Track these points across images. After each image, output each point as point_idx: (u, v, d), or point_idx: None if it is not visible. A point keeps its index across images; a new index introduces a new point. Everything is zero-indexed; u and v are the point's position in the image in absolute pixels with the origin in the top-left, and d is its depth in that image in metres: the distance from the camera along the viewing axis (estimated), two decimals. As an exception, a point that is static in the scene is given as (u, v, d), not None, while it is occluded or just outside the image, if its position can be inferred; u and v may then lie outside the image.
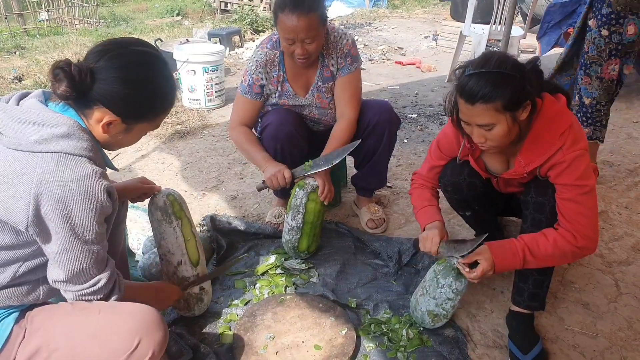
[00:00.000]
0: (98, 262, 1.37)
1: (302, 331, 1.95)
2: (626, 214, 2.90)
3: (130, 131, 1.45)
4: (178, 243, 1.87)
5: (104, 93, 1.33)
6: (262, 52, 2.38)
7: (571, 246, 1.70)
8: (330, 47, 2.37)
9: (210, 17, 10.04)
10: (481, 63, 1.63)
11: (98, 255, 1.36)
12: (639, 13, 2.80)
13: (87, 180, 1.28)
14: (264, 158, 2.34)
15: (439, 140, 2.07)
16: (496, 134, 1.65)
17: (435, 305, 1.90)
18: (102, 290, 1.40)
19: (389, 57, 6.68)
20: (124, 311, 1.41)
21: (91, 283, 1.37)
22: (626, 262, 2.47)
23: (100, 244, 1.36)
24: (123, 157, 3.60)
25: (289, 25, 2.12)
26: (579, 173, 1.68)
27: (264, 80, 2.40)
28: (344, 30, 2.41)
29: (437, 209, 2.08)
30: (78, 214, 1.27)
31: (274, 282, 2.25)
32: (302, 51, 2.19)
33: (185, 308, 1.99)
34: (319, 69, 2.41)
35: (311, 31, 2.13)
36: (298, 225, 2.31)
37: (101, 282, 1.39)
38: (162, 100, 1.47)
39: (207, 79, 4.48)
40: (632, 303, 2.20)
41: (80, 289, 1.37)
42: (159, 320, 1.43)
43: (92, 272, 1.36)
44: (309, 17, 2.09)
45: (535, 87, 1.66)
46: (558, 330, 2.05)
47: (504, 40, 4.44)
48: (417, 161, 3.55)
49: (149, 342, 1.37)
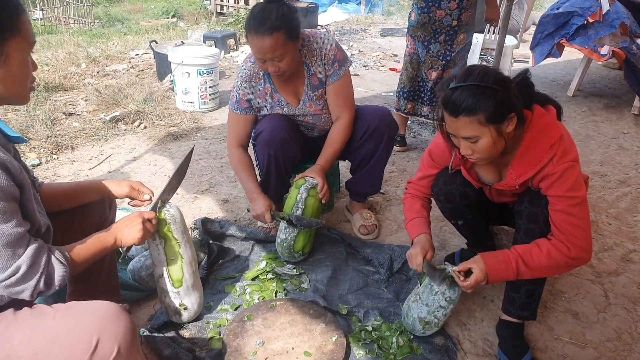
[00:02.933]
0: (9, 245, 1.23)
1: (292, 337, 1.94)
2: (616, 225, 2.92)
3: (8, 58, 1.27)
4: (160, 259, 1.85)
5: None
6: (245, 67, 2.40)
7: (565, 257, 1.70)
8: (314, 55, 2.37)
9: (205, 19, 10.04)
10: (464, 76, 1.64)
11: (7, 237, 1.22)
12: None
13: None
14: (252, 190, 2.41)
15: (430, 150, 2.08)
16: (482, 147, 1.66)
17: (427, 312, 1.90)
18: (28, 277, 1.27)
19: (384, 64, 6.71)
20: (79, 311, 1.33)
21: (10, 271, 1.24)
22: (615, 273, 2.48)
23: (7, 223, 1.22)
24: (115, 159, 3.58)
25: (256, 46, 2.15)
26: (570, 184, 1.68)
27: (250, 95, 2.42)
28: (326, 34, 2.40)
29: (425, 221, 2.10)
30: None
31: (265, 287, 2.25)
32: (274, 69, 2.20)
33: (166, 314, 1.98)
34: (306, 78, 2.40)
35: (277, 50, 2.13)
36: None
37: (22, 269, 1.25)
38: (4, 4, 1.26)
39: (202, 82, 4.47)
40: (620, 314, 2.21)
41: (1, 280, 1.24)
42: (118, 314, 1.33)
43: (4, 256, 1.22)
44: (272, 37, 2.10)
45: (521, 100, 1.68)
46: (548, 340, 2.05)
47: (497, 49, 4.47)
48: (410, 168, 3.56)
49: (109, 339, 1.28)
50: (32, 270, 1.28)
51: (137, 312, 2.11)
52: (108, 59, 6.21)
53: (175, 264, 1.86)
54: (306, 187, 2.31)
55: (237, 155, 2.50)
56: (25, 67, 1.33)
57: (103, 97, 4.57)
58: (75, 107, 4.51)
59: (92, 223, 1.79)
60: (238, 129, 2.50)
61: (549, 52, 5.09)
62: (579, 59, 5.56)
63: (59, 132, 3.84)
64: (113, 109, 4.42)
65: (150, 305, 2.15)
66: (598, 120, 4.79)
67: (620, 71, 6.05)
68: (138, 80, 5.24)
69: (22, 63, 1.31)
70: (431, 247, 1.99)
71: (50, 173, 3.30)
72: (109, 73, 5.63)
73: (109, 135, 3.94)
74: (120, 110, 4.37)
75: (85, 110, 4.43)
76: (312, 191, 2.31)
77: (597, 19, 4.83)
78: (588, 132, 4.45)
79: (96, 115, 4.33)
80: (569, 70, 6.44)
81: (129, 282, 2.17)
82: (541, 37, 5.16)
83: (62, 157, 3.56)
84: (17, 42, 1.28)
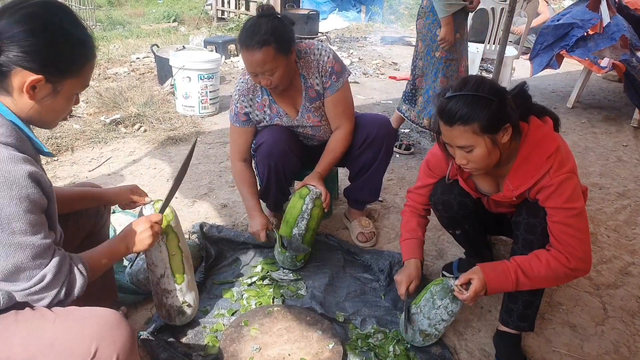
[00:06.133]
0: (38, 256, 1.25)
1: (289, 344, 1.93)
2: (614, 237, 2.92)
3: (58, 92, 1.32)
4: (162, 257, 1.84)
5: (14, 51, 1.22)
6: (243, 80, 2.41)
7: (564, 268, 1.70)
8: (311, 67, 2.36)
9: (206, 24, 10.06)
10: (459, 86, 1.66)
11: (36, 248, 1.24)
12: None
13: (2, 165, 1.17)
14: (251, 207, 2.45)
15: (428, 159, 2.09)
16: (476, 156, 1.67)
17: (429, 325, 1.90)
18: (52, 286, 1.29)
19: (383, 72, 6.72)
20: (80, 317, 1.33)
21: (36, 280, 1.26)
22: (614, 285, 2.48)
23: (37, 235, 1.24)
24: (115, 161, 3.57)
25: (247, 60, 2.15)
26: (567, 196, 1.68)
27: (248, 108, 2.42)
28: (323, 45, 2.39)
29: (417, 243, 2.14)
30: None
31: (262, 293, 2.24)
32: (266, 82, 2.20)
33: (167, 317, 1.97)
34: (303, 90, 2.40)
35: (267, 64, 2.13)
36: (301, 232, 2.32)
37: (47, 278, 1.27)
38: (79, 47, 1.33)
39: (202, 87, 4.48)
40: (618, 326, 2.21)
41: (24, 288, 1.26)
42: (118, 322, 1.34)
43: (32, 267, 1.25)
44: (261, 52, 2.10)
45: (517, 111, 1.68)
46: (545, 352, 2.05)
47: (497, 59, 4.48)
48: (408, 176, 3.57)
49: (108, 347, 1.28)
50: (56, 280, 1.29)
51: (134, 315, 2.10)
52: (109, 62, 6.21)
53: (176, 259, 1.87)
54: (311, 197, 2.30)
55: (239, 169, 2.51)
56: (69, 103, 1.38)
57: (104, 99, 4.56)
58: (75, 109, 4.50)
59: (87, 225, 1.80)
60: (239, 141, 2.51)
61: (548, 63, 5.11)
62: (579, 71, 5.58)
63: (59, 133, 3.83)
64: (113, 111, 4.42)
65: (147, 309, 2.14)
66: (597, 132, 4.80)
67: (619, 83, 6.07)
68: (139, 84, 5.24)
69: (69, 99, 1.37)
70: (417, 276, 2.05)
71: (50, 174, 3.29)
72: (110, 76, 5.62)
73: (109, 138, 3.94)
74: (120, 113, 4.37)
75: (86, 113, 4.42)
76: (317, 201, 2.32)
77: (598, 31, 4.85)
78: (587, 144, 4.46)
79: (96, 117, 4.33)
80: (568, 82, 6.46)
81: (127, 285, 2.17)
82: (540, 48, 5.18)
83: (62, 158, 3.56)
84: (73, 82, 1.34)
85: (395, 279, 2.06)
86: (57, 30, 1.28)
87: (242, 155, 2.52)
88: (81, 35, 1.34)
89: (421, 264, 2.11)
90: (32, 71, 1.24)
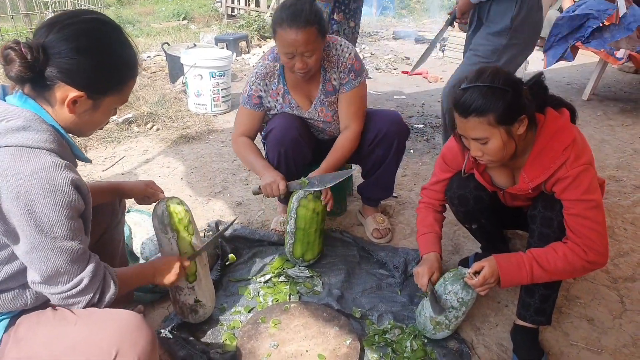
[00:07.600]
0: (76, 260, 1.28)
1: (306, 340, 1.94)
2: (632, 230, 2.89)
3: (98, 107, 1.36)
4: (172, 254, 1.85)
5: (60, 67, 1.24)
6: (262, 64, 2.40)
7: (582, 261, 1.69)
8: (332, 61, 2.36)
9: (216, 22, 10.08)
10: (475, 77, 1.64)
11: (75, 253, 1.27)
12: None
13: (47, 172, 1.20)
14: (263, 166, 2.36)
15: (444, 153, 2.08)
16: (492, 148, 1.66)
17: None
18: (88, 290, 1.32)
19: (396, 67, 6.70)
20: (101, 319, 1.34)
21: (73, 284, 1.29)
22: (631, 279, 2.45)
23: (75, 240, 1.27)
24: (128, 161, 3.60)
25: (288, 40, 2.12)
26: (584, 188, 1.67)
27: (262, 92, 2.41)
28: (346, 42, 2.39)
29: (435, 237, 2.11)
30: (42, 209, 1.19)
31: (278, 290, 2.25)
32: (302, 65, 2.18)
33: (181, 314, 1.98)
34: (321, 82, 2.40)
35: (309, 44, 2.12)
36: (292, 230, 2.32)
37: (84, 282, 1.30)
38: (124, 68, 1.37)
39: (214, 84, 4.49)
40: (637, 319, 2.19)
41: (62, 291, 1.29)
42: (140, 326, 1.35)
43: (70, 271, 1.28)
44: (306, 31, 2.09)
45: (533, 102, 1.67)
46: (563, 346, 2.03)
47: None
48: (423, 171, 3.55)
49: (129, 350, 1.29)
50: (92, 284, 1.33)
51: (151, 314, 2.12)
52: (121, 61, 6.24)
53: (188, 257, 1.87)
54: (297, 197, 2.27)
55: (242, 141, 2.47)
56: (107, 116, 1.43)
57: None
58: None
59: (103, 223, 1.81)
60: (246, 122, 2.48)
61: (562, 55, 5.05)
62: (594, 63, 5.51)
63: (73, 133, 3.86)
64: (126, 111, 4.45)
65: (164, 307, 2.16)
66: (613, 125, 4.74)
67: (636, 75, 6.00)
68: (150, 83, 5.27)
69: (107, 113, 1.41)
70: (438, 267, 2.01)
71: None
72: (122, 75, 5.66)
73: (121, 137, 3.97)
74: (132, 112, 4.40)
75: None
76: (303, 201, 2.26)
77: (614, 21, 4.79)
78: (603, 137, 4.42)
79: (110, 117, 4.36)
80: (583, 74, 6.39)
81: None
82: (555, 40, 5.11)
83: (76, 158, 3.58)
84: (113, 99, 1.38)
85: (416, 271, 2.02)
86: (104, 51, 1.31)
87: (245, 133, 2.48)
88: (127, 56, 1.37)
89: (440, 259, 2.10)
90: (75, 87, 1.27)
